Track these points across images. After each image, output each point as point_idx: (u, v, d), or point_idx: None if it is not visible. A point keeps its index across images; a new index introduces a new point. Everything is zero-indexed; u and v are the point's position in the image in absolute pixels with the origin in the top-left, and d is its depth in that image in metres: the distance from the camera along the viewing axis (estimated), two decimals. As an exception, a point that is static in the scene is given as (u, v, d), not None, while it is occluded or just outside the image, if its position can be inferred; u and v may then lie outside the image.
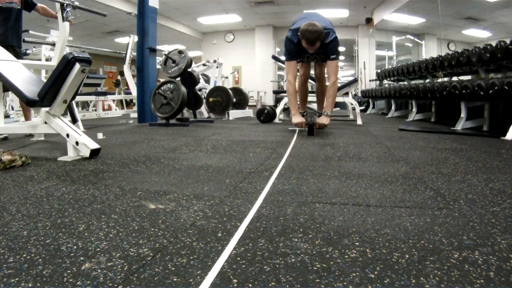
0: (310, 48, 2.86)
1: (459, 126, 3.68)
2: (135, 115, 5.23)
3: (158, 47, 5.00)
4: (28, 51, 4.97)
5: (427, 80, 5.34)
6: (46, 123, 2.13)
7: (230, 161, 1.91)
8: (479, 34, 10.32)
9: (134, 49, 5.22)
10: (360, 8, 9.56)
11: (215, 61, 6.23)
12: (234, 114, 5.72)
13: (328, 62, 3.00)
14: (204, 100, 5.68)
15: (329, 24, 2.97)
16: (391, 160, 1.93)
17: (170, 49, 4.62)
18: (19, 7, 3.21)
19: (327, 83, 3.33)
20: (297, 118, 3.00)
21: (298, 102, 3.47)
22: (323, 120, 3.00)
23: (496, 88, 3.08)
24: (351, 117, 5.53)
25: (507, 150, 2.30)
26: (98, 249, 0.80)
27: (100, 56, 12.92)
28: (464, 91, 3.53)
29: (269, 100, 10.21)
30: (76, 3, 3.14)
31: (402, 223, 0.97)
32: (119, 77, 8.78)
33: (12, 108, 5.89)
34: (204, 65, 6.51)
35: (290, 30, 2.98)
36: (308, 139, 2.82)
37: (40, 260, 0.75)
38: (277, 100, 6.56)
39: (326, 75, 3.39)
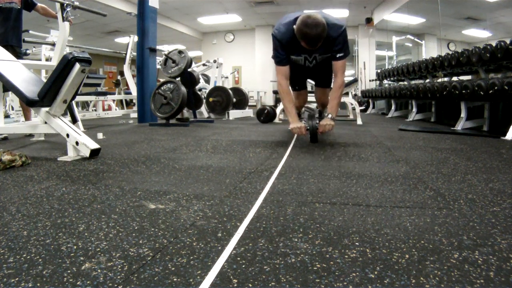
0: (312, 48, 2.35)
1: (459, 126, 3.68)
2: (135, 115, 5.23)
3: (158, 47, 5.00)
4: (28, 51, 4.96)
5: (427, 80, 5.34)
6: (46, 123, 2.13)
7: (230, 161, 1.91)
8: (479, 34, 10.32)
9: (134, 49, 5.22)
10: (360, 8, 9.55)
11: (215, 61, 6.23)
12: (234, 114, 5.72)
13: (334, 62, 2.45)
14: (204, 100, 5.68)
15: (333, 18, 2.41)
16: (391, 160, 1.93)
17: (170, 49, 4.62)
18: (19, 7, 3.21)
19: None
20: (294, 123, 2.45)
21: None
22: (327, 123, 2.42)
23: (496, 88, 3.08)
24: (351, 117, 5.53)
25: (507, 150, 2.30)
26: (98, 249, 0.80)
27: (100, 56, 12.92)
28: (464, 91, 3.53)
29: (269, 100, 10.20)
30: (76, 3, 3.14)
31: (402, 223, 0.97)
32: (119, 77, 8.77)
33: (12, 108, 5.88)
34: (204, 65, 6.51)
35: (281, 24, 2.40)
36: (307, 139, 2.73)
37: (40, 260, 0.75)
38: (277, 100, 6.55)
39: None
